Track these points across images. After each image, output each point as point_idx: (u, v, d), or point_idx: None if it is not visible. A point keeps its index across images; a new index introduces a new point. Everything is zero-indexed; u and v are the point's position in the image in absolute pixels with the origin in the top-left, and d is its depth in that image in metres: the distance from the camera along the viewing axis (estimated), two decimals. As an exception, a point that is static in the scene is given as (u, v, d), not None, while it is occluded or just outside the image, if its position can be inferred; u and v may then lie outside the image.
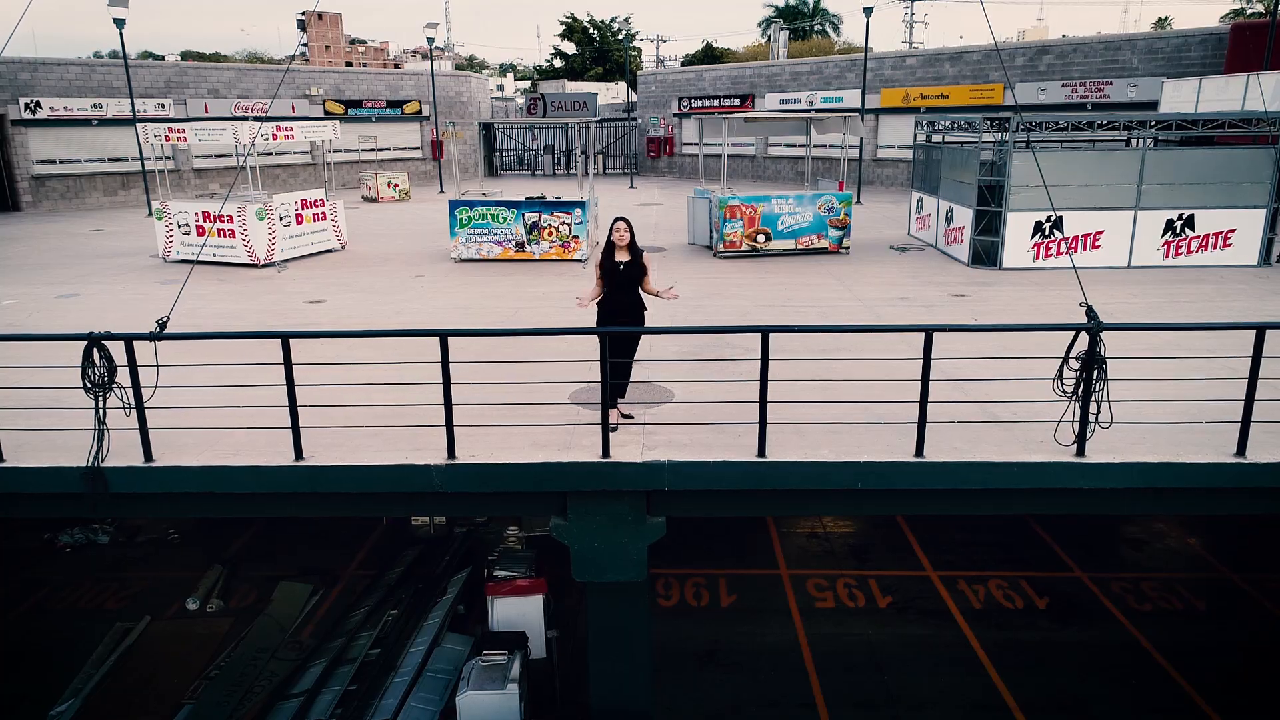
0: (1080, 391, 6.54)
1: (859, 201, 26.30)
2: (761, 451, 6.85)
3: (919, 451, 6.77)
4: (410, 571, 13.79)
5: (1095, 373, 6.45)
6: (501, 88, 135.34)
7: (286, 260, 16.97)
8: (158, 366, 6.82)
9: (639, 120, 41.57)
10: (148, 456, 6.88)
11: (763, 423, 6.80)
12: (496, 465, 6.90)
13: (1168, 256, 15.22)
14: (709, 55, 67.61)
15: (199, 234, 16.45)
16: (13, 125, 27.73)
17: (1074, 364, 6.58)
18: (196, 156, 31.50)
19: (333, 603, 13.36)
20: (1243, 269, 15.09)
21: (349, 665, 11.67)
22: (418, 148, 38.60)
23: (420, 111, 37.98)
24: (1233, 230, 15.01)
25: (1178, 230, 15.07)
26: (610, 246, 7.68)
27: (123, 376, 6.89)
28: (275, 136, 16.32)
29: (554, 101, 41.60)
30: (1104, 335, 6.56)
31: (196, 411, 7.14)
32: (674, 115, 39.56)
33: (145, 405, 6.86)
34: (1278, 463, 6.60)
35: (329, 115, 34.92)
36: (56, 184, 29.23)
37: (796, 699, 10.48)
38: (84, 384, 6.72)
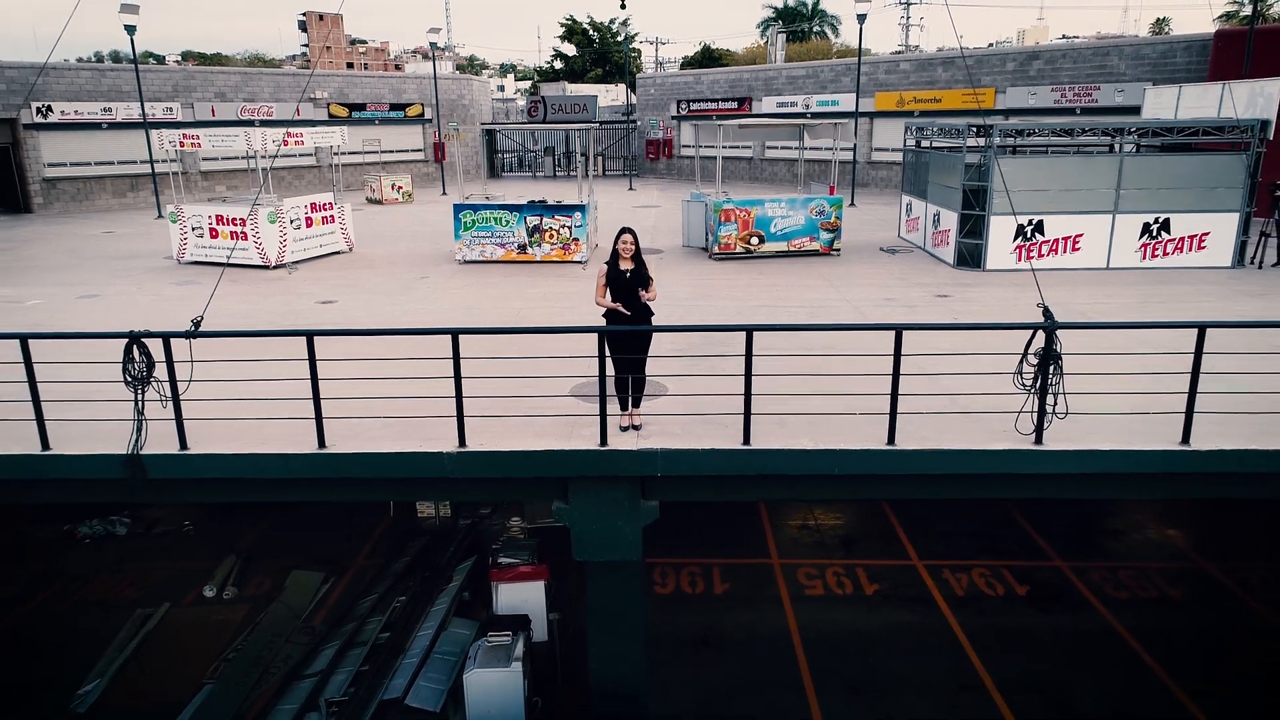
0: (1037, 385, 7.14)
1: (853, 203, 26.89)
2: (746, 440, 7.45)
3: (890, 440, 7.37)
4: (417, 561, 14.38)
5: (1051, 368, 7.05)
6: (502, 88, 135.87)
7: (297, 262, 17.57)
8: (192, 362, 7.41)
9: (638, 122, 42.15)
10: (183, 445, 7.48)
11: (747, 414, 7.40)
12: (503, 453, 7.50)
13: (1145, 258, 15.82)
14: (707, 57, 68.17)
15: (212, 236, 17.05)
16: (25, 129, 28.33)
17: (1032, 360, 7.18)
18: (204, 159, 32.09)
19: (343, 591, 13.93)
20: (1217, 270, 15.69)
21: (360, 648, 12.24)
22: (420, 150, 39.21)
23: (423, 114, 38.57)
24: (1207, 233, 15.61)
25: (1154, 233, 15.68)
26: (615, 256, 7.99)
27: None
28: (286, 142, 16.91)
29: (554, 104, 42.19)
30: (1070, 333, 7.14)
31: (226, 404, 7.72)
32: (673, 118, 40.15)
33: (180, 398, 7.46)
34: (1218, 450, 7.20)
35: (333, 118, 35.52)
36: (67, 186, 29.84)
37: (787, 683, 11.01)
38: (125, 378, 7.32)
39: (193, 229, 17.44)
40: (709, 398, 8.21)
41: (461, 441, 7.47)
